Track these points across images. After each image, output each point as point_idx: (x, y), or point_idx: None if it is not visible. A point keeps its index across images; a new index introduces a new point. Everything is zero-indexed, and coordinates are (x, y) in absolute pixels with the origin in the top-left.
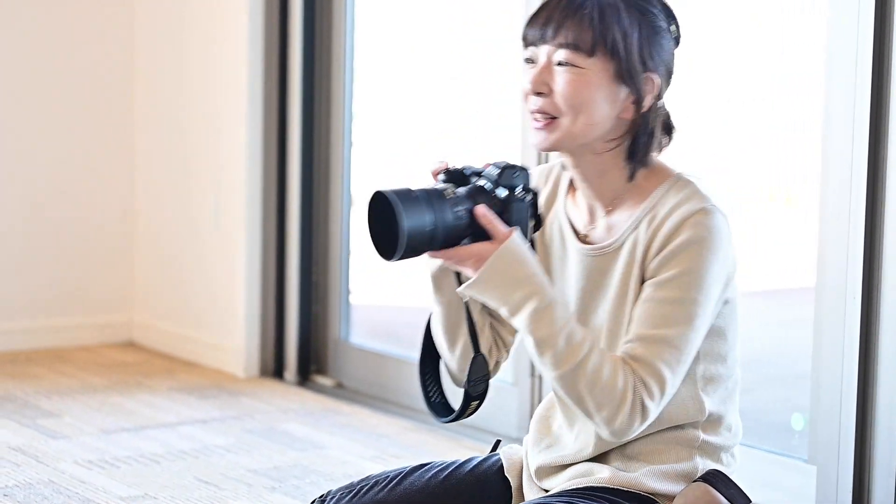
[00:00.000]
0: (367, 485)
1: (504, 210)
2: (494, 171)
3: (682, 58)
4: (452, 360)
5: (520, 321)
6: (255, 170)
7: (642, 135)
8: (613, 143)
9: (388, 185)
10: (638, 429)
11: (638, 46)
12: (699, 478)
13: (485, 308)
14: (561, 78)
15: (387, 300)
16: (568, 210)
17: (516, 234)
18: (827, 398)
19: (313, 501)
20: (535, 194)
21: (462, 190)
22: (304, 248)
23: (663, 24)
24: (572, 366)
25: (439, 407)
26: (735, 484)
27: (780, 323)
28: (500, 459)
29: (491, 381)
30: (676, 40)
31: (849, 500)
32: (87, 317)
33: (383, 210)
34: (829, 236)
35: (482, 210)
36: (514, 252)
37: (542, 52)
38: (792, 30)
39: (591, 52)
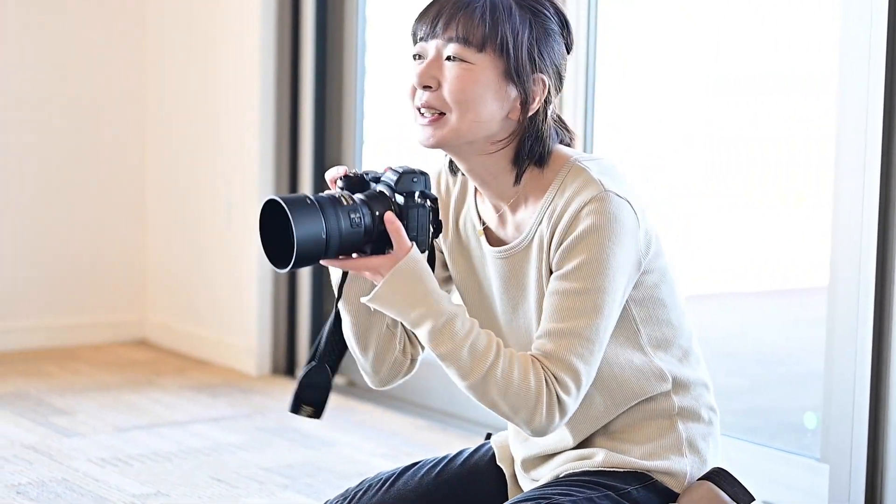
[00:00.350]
0: (360, 489)
1: (401, 216)
2: (393, 176)
3: (695, 58)
4: (366, 363)
5: (421, 335)
6: (267, 168)
7: (528, 138)
8: (500, 145)
9: (281, 193)
10: (560, 423)
11: (528, 46)
12: (703, 476)
13: None
14: (450, 72)
15: None
16: (480, 210)
17: (415, 251)
18: (840, 397)
19: None
20: (435, 199)
21: (359, 196)
22: None
23: (555, 27)
24: (480, 375)
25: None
26: (738, 482)
27: (793, 322)
28: (491, 449)
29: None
30: (568, 47)
31: (861, 498)
32: (100, 315)
33: (276, 217)
34: (842, 236)
35: (391, 217)
36: (412, 270)
37: (431, 46)
38: (805, 29)
39: (480, 48)
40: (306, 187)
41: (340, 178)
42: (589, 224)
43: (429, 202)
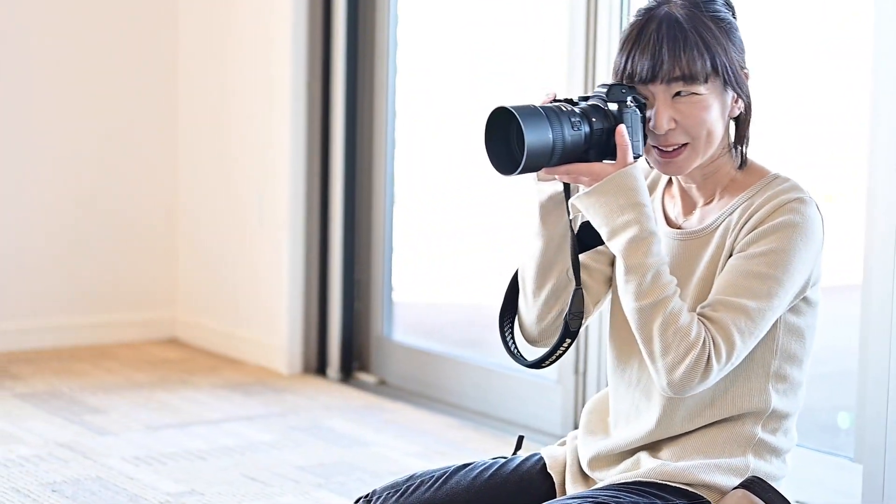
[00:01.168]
0: (412, 484)
1: (617, 121)
2: (603, 90)
3: None
4: (535, 305)
5: (617, 244)
6: (299, 167)
7: (744, 119)
8: (724, 143)
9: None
10: (695, 388)
11: (732, 53)
12: (737, 486)
13: (580, 268)
14: (684, 108)
15: (429, 297)
16: (664, 201)
17: (639, 166)
18: (873, 397)
19: (358, 500)
20: (644, 107)
21: (577, 107)
22: (347, 245)
23: (732, 18)
24: (653, 301)
25: (520, 356)
26: (772, 487)
27: (827, 321)
28: (541, 458)
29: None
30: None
31: (895, 498)
32: (132, 313)
33: (503, 127)
34: (876, 234)
35: (622, 130)
36: (634, 178)
37: (658, 90)
38: (837, 24)
39: (704, 79)
40: (337, 185)
41: (552, 102)
42: (789, 218)
43: (638, 108)
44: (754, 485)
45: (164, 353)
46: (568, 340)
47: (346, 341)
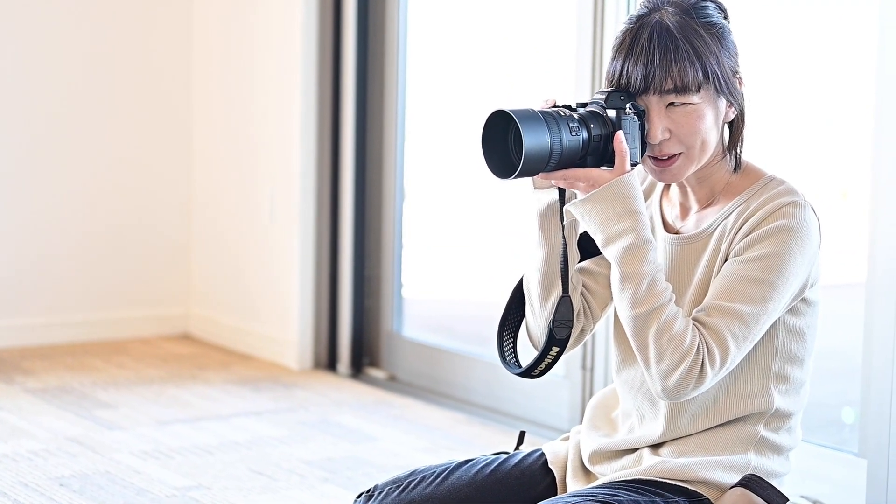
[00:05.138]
0: (414, 479)
1: (615, 127)
2: (601, 96)
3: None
4: (542, 315)
5: (612, 252)
6: (310, 164)
7: (738, 124)
8: (718, 148)
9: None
10: (690, 394)
11: (724, 60)
12: (735, 484)
13: (579, 273)
14: (678, 118)
15: (439, 294)
16: (662, 205)
17: (636, 173)
18: (877, 392)
19: (360, 495)
20: (643, 114)
21: (576, 113)
22: (358, 241)
23: (725, 23)
24: (648, 309)
25: (514, 365)
26: (770, 484)
27: (831, 317)
28: (543, 454)
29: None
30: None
31: None
32: (144, 309)
33: (501, 130)
34: (880, 231)
35: (620, 137)
36: (630, 186)
37: (651, 101)
38: (844, 22)
39: (697, 89)
40: (348, 182)
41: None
42: (784, 223)
43: (636, 116)
44: (752, 482)
45: (176, 348)
46: (555, 349)
47: (357, 337)
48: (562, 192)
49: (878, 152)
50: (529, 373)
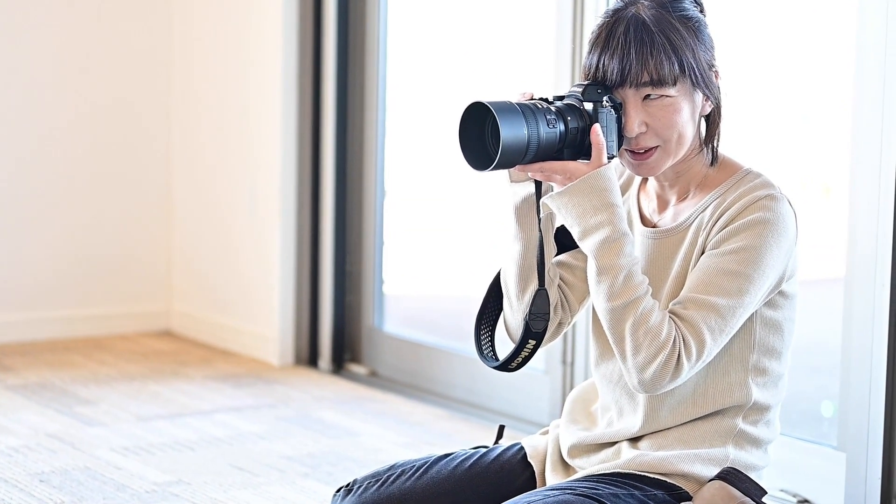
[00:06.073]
0: (393, 474)
1: (592, 120)
2: (578, 89)
3: (718, 47)
4: (519, 308)
5: (589, 244)
6: (290, 160)
7: (715, 117)
8: (695, 142)
9: (486, 98)
10: (666, 386)
11: (700, 53)
12: (713, 477)
13: (557, 266)
14: (654, 111)
15: (420, 289)
16: (639, 199)
17: (612, 166)
18: (856, 386)
19: (339, 490)
20: (620, 107)
21: (553, 106)
22: (339, 237)
23: (701, 17)
24: (624, 302)
25: (491, 358)
26: (748, 477)
27: (810, 312)
28: (522, 448)
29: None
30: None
31: (877, 486)
32: (125, 306)
33: (478, 122)
34: (859, 226)
35: (597, 130)
36: (607, 178)
37: (627, 94)
38: (823, 17)
39: (673, 82)
40: (328, 178)
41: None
42: (760, 216)
43: (613, 109)
44: (730, 475)
45: (157, 344)
46: (532, 342)
47: (338, 333)
48: (538, 185)
49: (856, 148)
50: (506, 366)
